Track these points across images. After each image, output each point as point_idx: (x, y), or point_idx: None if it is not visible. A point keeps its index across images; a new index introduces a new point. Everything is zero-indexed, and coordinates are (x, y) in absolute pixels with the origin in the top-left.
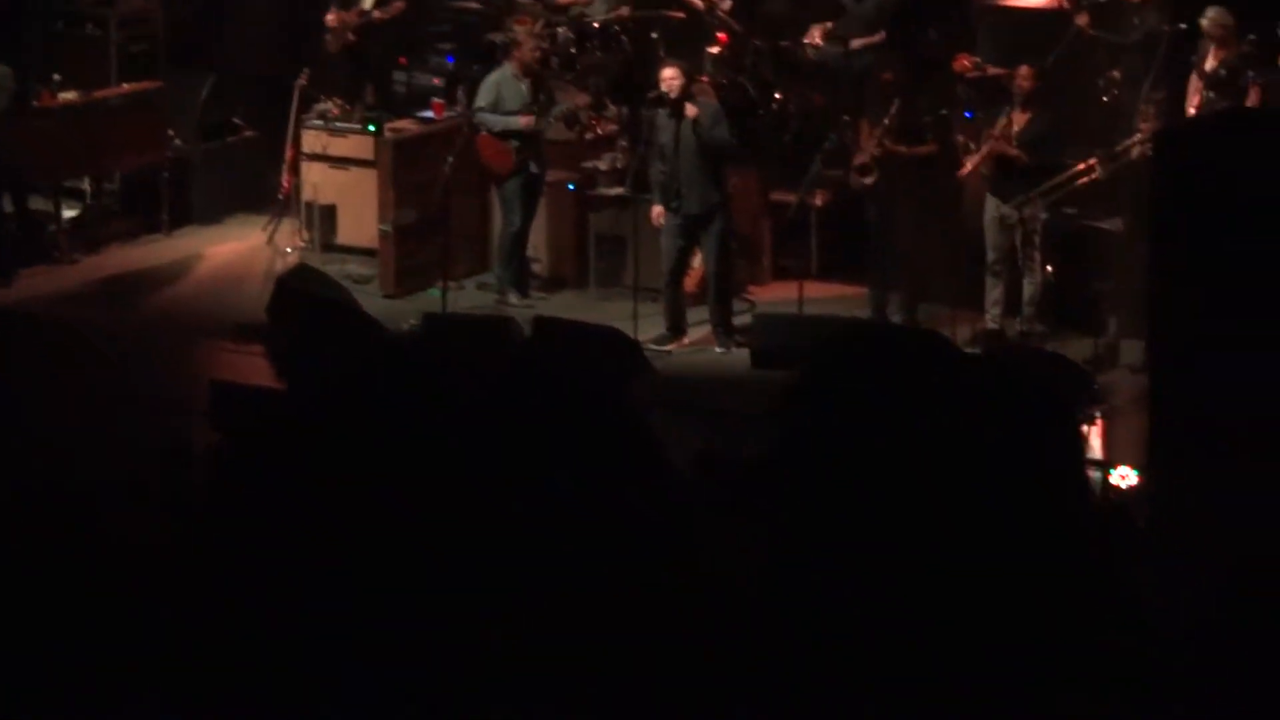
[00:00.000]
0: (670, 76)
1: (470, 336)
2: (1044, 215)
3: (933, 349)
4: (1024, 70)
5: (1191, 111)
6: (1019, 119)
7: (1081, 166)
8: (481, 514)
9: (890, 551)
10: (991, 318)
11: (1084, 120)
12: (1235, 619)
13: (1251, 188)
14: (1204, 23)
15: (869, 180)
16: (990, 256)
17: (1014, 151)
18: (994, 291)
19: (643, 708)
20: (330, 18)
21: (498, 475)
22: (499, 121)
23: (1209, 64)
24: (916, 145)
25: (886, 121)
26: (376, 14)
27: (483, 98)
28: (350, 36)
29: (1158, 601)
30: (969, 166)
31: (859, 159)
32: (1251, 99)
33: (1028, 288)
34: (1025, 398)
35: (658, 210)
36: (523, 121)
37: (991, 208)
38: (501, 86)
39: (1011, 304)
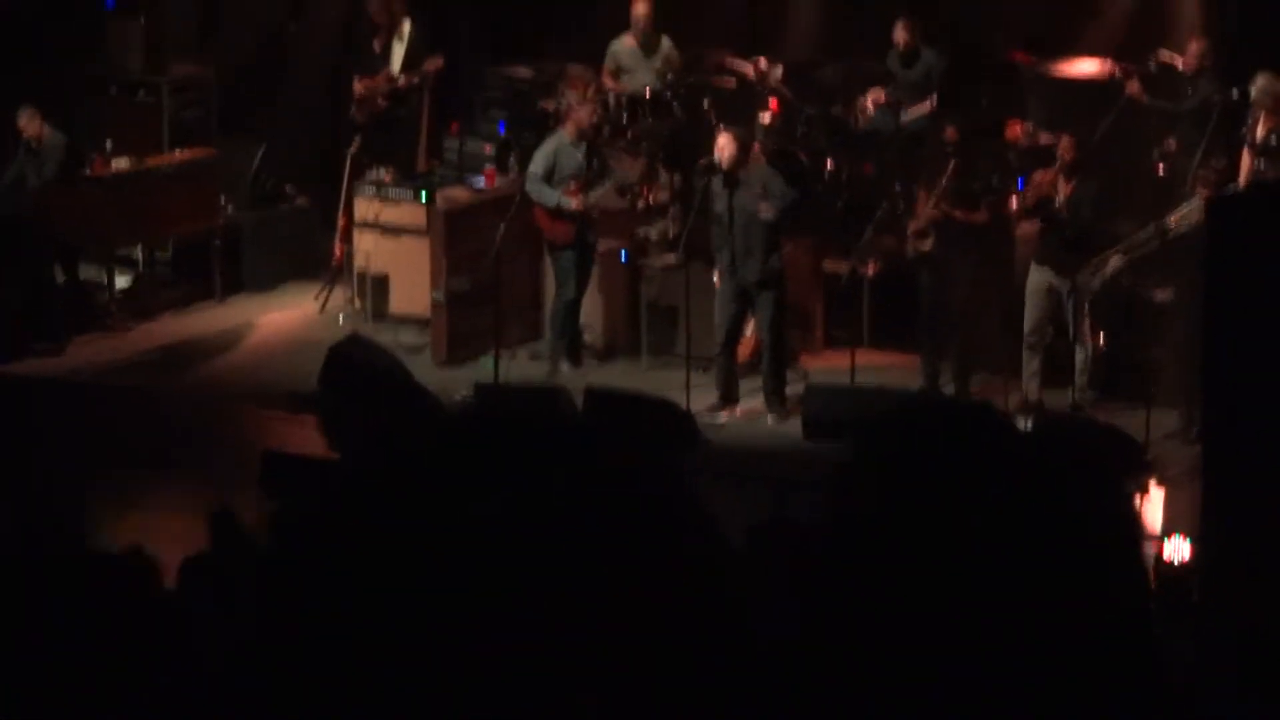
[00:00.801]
0: (724, 145)
1: (522, 407)
2: (1096, 285)
3: (983, 422)
4: (1065, 141)
5: (1243, 181)
6: (1064, 188)
7: (1140, 240)
8: (533, 585)
9: (942, 625)
10: (1029, 390)
11: (1137, 190)
12: None
13: None
14: (1253, 90)
15: (926, 246)
16: (1028, 328)
17: (959, 214)
18: (1032, 363)
19: None
20: (357, 86)
21: (550, 547)
22: (551, 198)
23: (1259, 132)
24: (971, 211)
25: (944, 183)
26: (404, 79)
27: (538, 164)
28: (381, 103)
29: (1208, 676)
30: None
31: (915, 225)
32: None
33: (1079, 357)
34: (1077, 471)
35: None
36: (574, 204)
37: (1037, 277)
38: (558, 154)
39: (1051, 375)
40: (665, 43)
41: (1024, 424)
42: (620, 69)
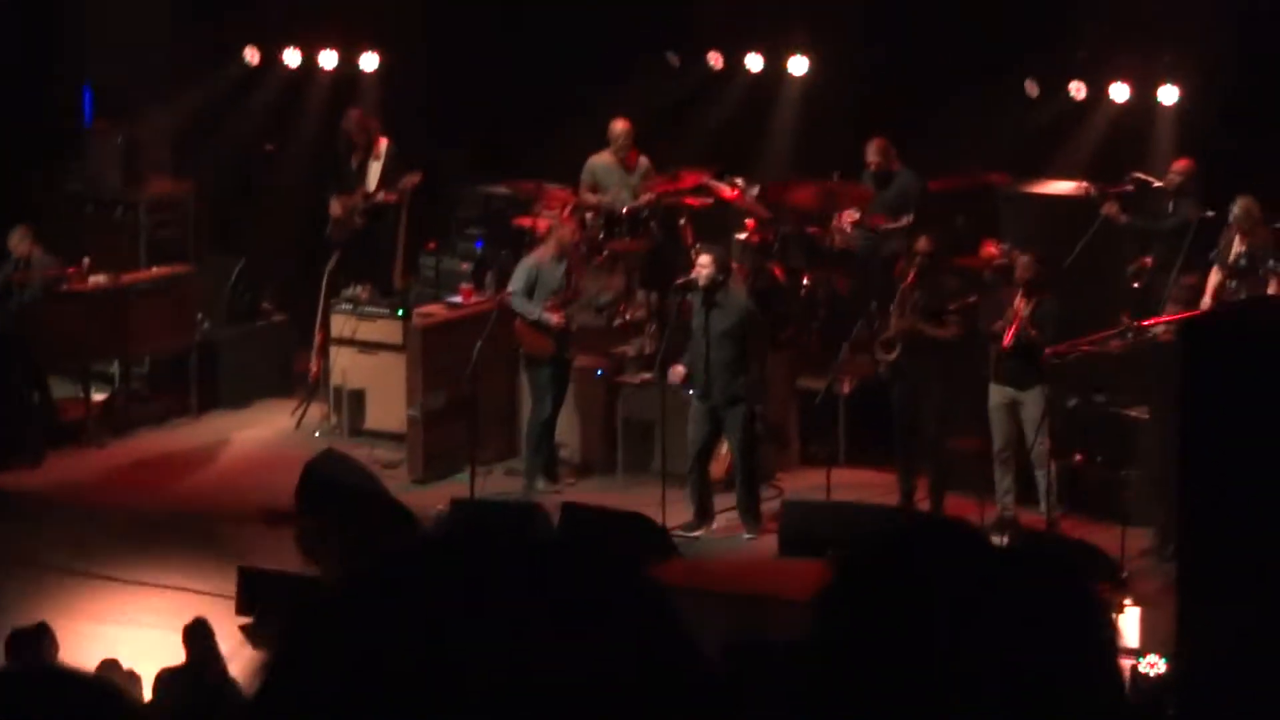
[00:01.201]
0: (704, 264)
1: (498, 523)
2: (1072, 401)
3: (960, 538)
4: (1023, 260)
5: (1208, 299)
6: (1023, 307)
7: (1106, 334)
8: (510, 701)
9: None
10: (1004, 505)
11: (1112, 307)
12: None
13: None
14: (1233, 210)
15: (891, 356)
16: (997, 445)
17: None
18: (1004, 480)
19: None
20: (334, 204)
21: (525, 661)
22: (533, 312)
23: (1235, 251)
24: (939, 327)
25: (906, 289)
26: (381, 196)
27: (519, 280)
28: (358, 221)
29: None
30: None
31: (884, 335)
32: (1272, 288)
33: (1039, 475)
34: (1055, 587)
35: (678, 371)
36: (554, 319)
37: (997, 395)
38: (540, 270)
39: (1028, 491)
40: (643, 161)
41: (999, 541)
42: (598, 185)
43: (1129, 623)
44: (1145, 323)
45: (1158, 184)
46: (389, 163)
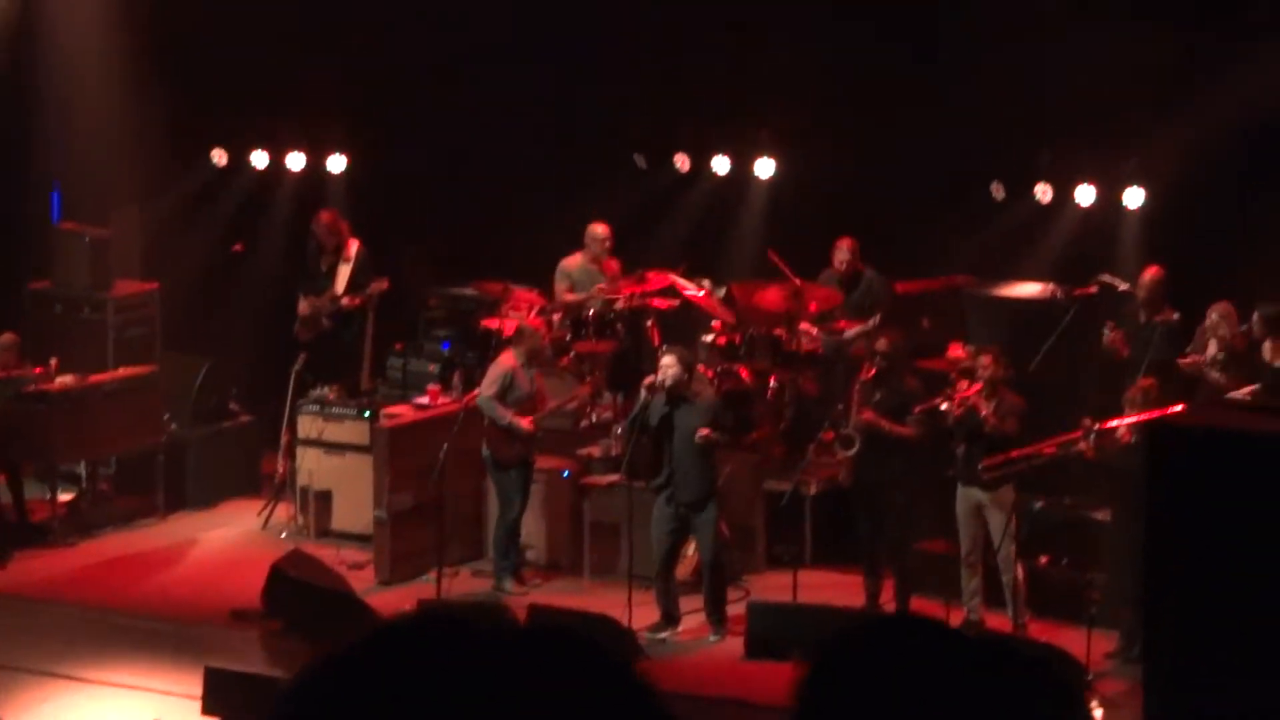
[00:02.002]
0: (668, 364)
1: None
2: (1038, 504)
3: (931, 634)
4: (985, 358)
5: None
6: (987, 405)
7: (1068, 437)
8: None
9: None
10: (970, 608)
11: (1076, 409)
12: None
13: (1244, 484)
14: (1212, 315)
15: (849, 453)
16: (965, 548)
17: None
18: (971, 583)
19: None
20: (301, 305)
21: None
22: (503, 418)
23: (1210, 353)
24: (898, 425)
25: (876, 396)
26: (345, 301)
27: (493, 385)
28: (326, 322)
29: None
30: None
31: (841, 430)
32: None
33: (1005, 578)
34: (1027, 678)
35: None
36: (525, 424)
37: (963, 498)
38: (513, 376)
39: (995, 594)
40: (614, 264)
41: None
42: (574, 288)
43: None
44: (1106, 425)
45: (1123, 287)
46: (358, 266)
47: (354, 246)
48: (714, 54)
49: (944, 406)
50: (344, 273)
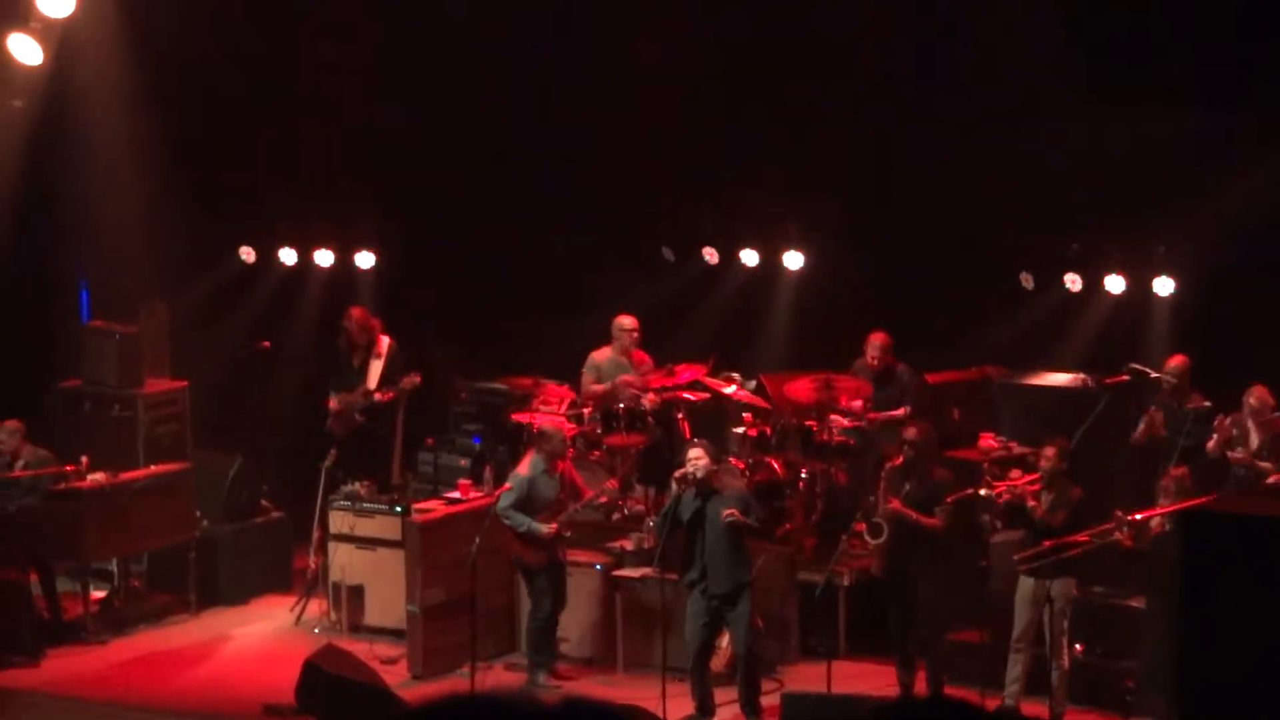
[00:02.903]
0: (695, 456)
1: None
2: (1074, 593)
3: (957, 713)
4: (1050, 450)
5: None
6: (1045, 498)
7: (1102, 529)
8: None
9: None
10: (1010, 694)
11: (1108, 498)
12: None
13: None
14: (1250, 400)
15: (879, 540)
16: (1016, 633)
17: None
18: (1015, 669)
19: None
20: (333, 401)
21: None
22: (524, 523)
23: (1254, 441)
24: (927, 516)
25: (906, 487)
26: (378, 396)
27: (512, 495)
28: (358, 418)
29: None
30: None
31: (872, 518)
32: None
33: (1055, 669)
34: None
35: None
36: (546, 531)
37: (1025, 585)
38: (533, 483)
39: (1033, 683)
40: (645, 357)
41: None
42: (601, 379)
43: None
44: (1139, 515)
45: (1154, 375)
46: (390, 361)
47: (385, 342)
48: (743, 146)
49: (982, 493)
50: (376, 368)
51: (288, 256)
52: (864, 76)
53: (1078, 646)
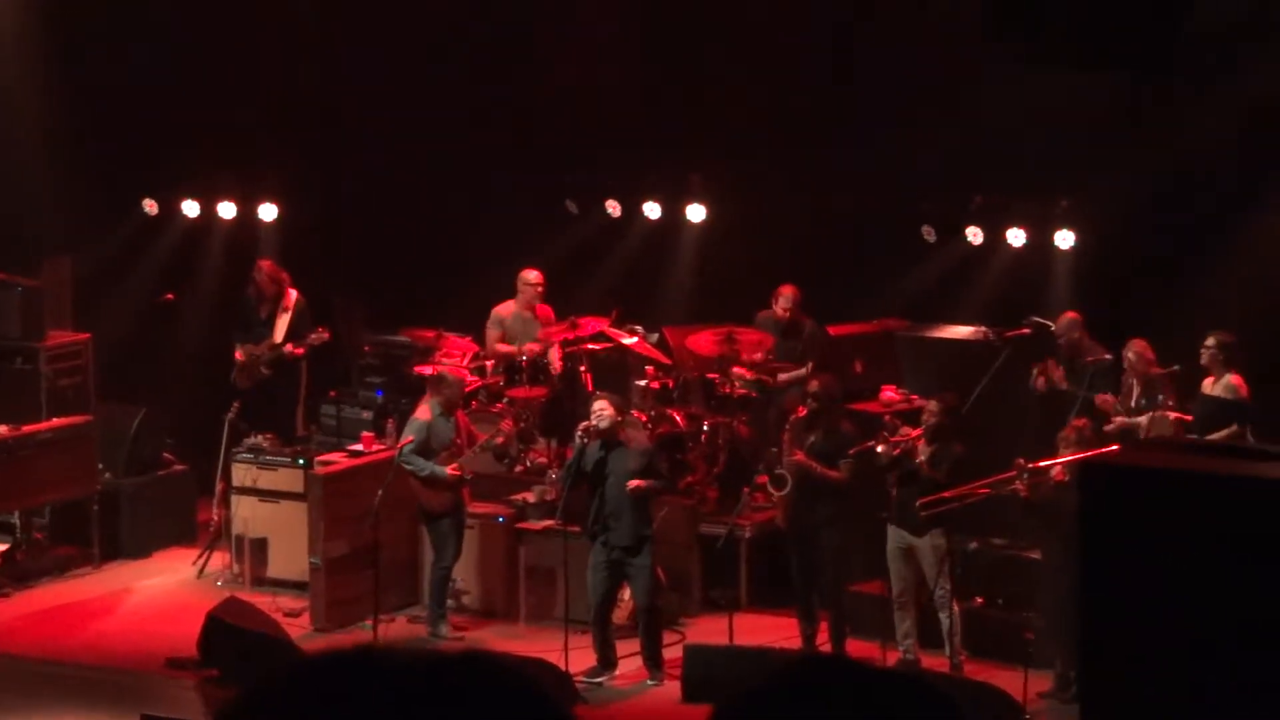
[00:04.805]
0: (600, 409)
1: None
2: (972, 545)
3: (844, 671)
4: (932, 404)
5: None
6: (924, 450)
7: (1002, 477)
8: None
9: None
10: (905, 648)
11: (1008, 450)
12: None
13: (1178, 523)
14: (1129, 354)
15: (783, 492)
16: (895, 589)
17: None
18: (904, 624)
19: None
20: (239, 353)
21: None
22: (425, 467)
23: (1134, 394)
24: (830, 469)
25: (810, 439)
26: (285, 349)
27: (408, 438)
28: (264, 371)
29: None
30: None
31: (775, 470)
32: (1167, 428)
33: (943, 618)
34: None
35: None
36: (449, 471)
37: (893, 539)
38: (431, 427)
39: (930, 636)
40: (546, 310)
41: None
42: (506, 335)
43: None
44: (1039, 464)
45: (1054, 328)
46: (297, 315)
47: (293, 296)
48: (644, 100)
49: (880, 449)
50: (283, 322)
51: (190, 209)
52: (767, 33)
53: (977, 599)
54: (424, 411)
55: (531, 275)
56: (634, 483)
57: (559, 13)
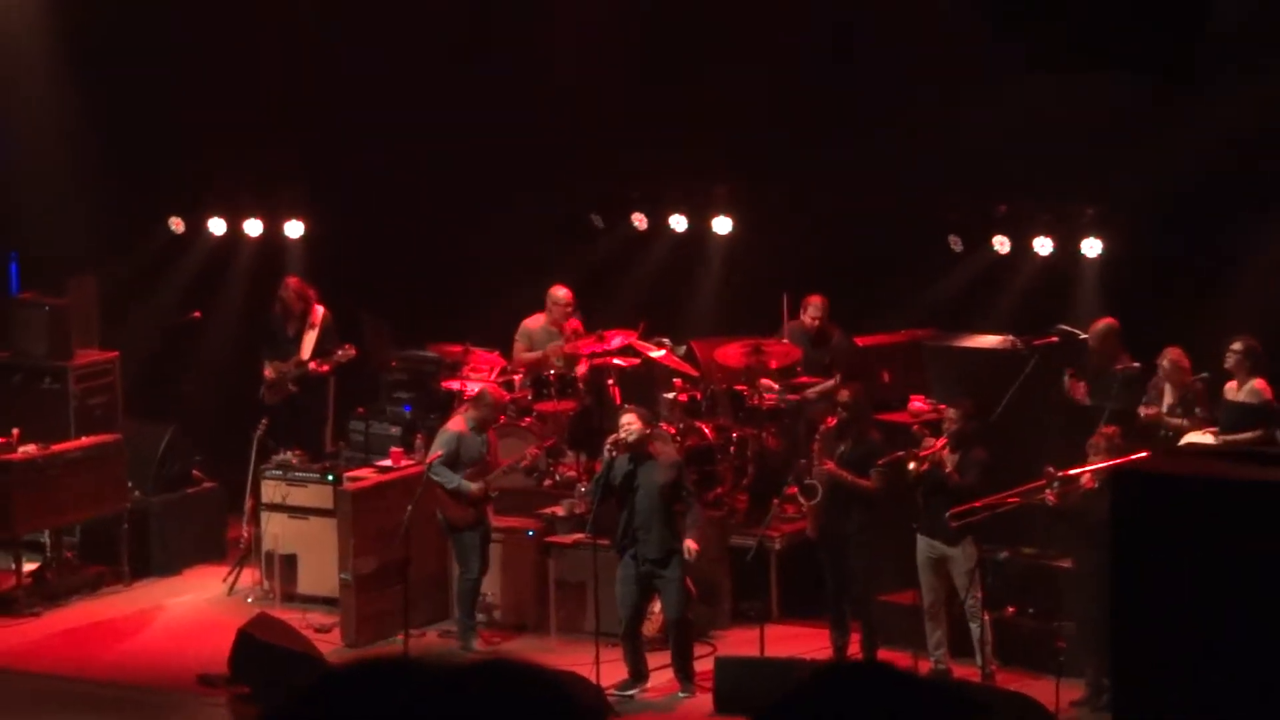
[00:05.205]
0: (629, 422)
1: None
2: (1003, 554)
3: (879, 678)
4: (952, 411)
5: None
6: (950, 459)
7: (1032, 486)
8: None
9: None
10: (936, 658)
11: (1038, 458)
12: None
13: (1208, 530)
14: (1164, 362)
15: (813, 501)
16: (926, 600)
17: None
18: (935, 634)
19: None
20: (267, 371)
21: None
22: (452, 480)
23: (1166, 401)
24: (860, 478)
25: (841, 449)
26: (312, 366)
27: (438, 449)
28: (291, 387)
29: None
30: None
31: (805, 480)
32: (1198, 436)
33: (973, 628)
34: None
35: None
36: (473, 488)
37: (923, 549)
38: (460, 441)
39: (962, 645)
40: (575, 325)
41: None
42: (534, 348)
43: None
44: (1069, 472)
45: (1083, 336)
46: (325, 331)
47: (320, 312)
48: (670, 113)
49: (911, 465)
50: (310, 338)
51: (217, 226)
52: (790, 44)
53: (1009, 608)
54: (458, 423)
55: (561, 293)
56: (692, 545)
57: (583, 24)
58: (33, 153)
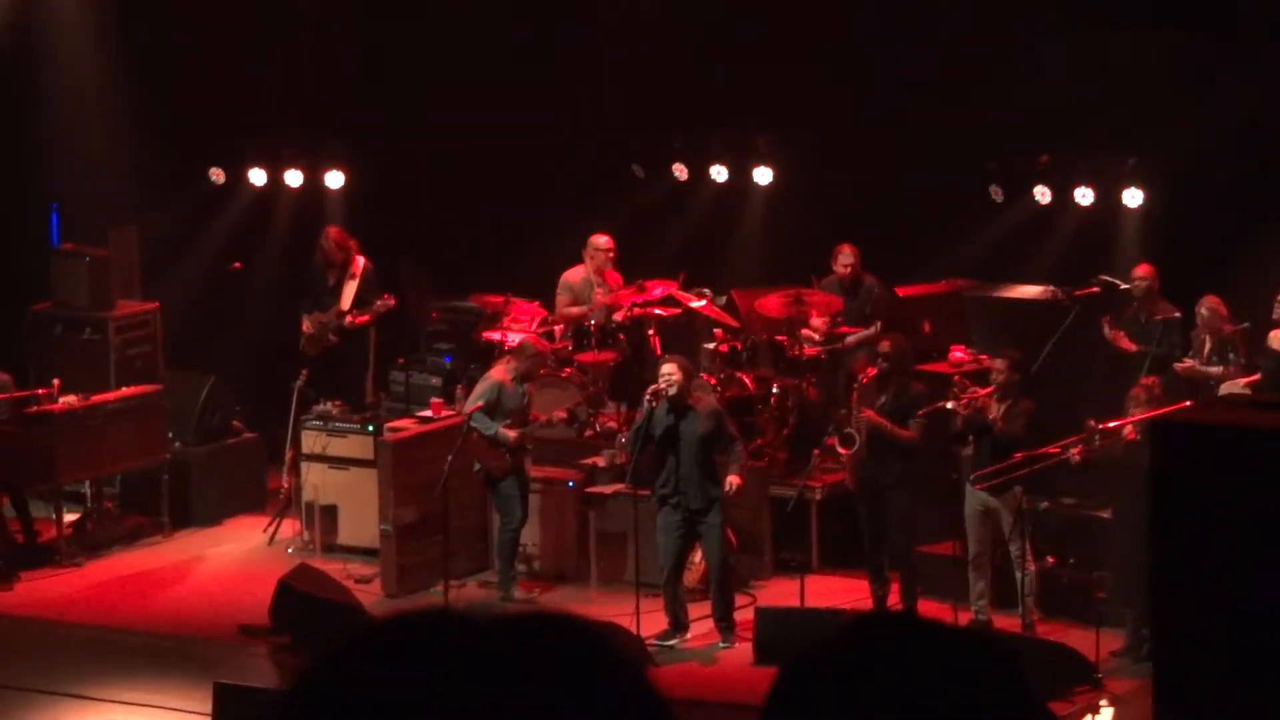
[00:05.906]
0: (669, 373)
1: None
2: (1043, 505)
3: (906, 628)
4: (999, 362)
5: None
6: (997, 407)
7: (1075, 439)
8: None
9: None
10: (978, 609)
11: (1079, 410)
12: None
13: (1249, 481)
14: (1201, 310)
15: (851, 449)
16: (972, 550)
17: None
18: (978, 584)
19: None
20: (306, 322)
21: None
22: (491, 427)
23: (1205, 350)
24: (901, 428)
25: (881, 400)
26: (352, 317)
27: (480, 398)
28: (331, 338)
29: None
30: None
31: (844, 429)
32: (1238, 384)
33: (1020, 578)
34: (994, 674)
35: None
36: (512, 436)
37: (971, 501)
38: (500, 390)
39: (1003, 596)
40: (616, 275)
41: None
42: (577, 300)
43: None
44: (1110, 424)
45: (1124, 286)
46: (365, 283)
47: (360, 263)
48: (711, 62)
49: (950, 405)
50: (350, 289)
51: (257, 177)
52: None
53: (1049, 558)
54: (500, 371)
55: (601, 240)
56: (735, 480)
57: None
58: (74, 104)
